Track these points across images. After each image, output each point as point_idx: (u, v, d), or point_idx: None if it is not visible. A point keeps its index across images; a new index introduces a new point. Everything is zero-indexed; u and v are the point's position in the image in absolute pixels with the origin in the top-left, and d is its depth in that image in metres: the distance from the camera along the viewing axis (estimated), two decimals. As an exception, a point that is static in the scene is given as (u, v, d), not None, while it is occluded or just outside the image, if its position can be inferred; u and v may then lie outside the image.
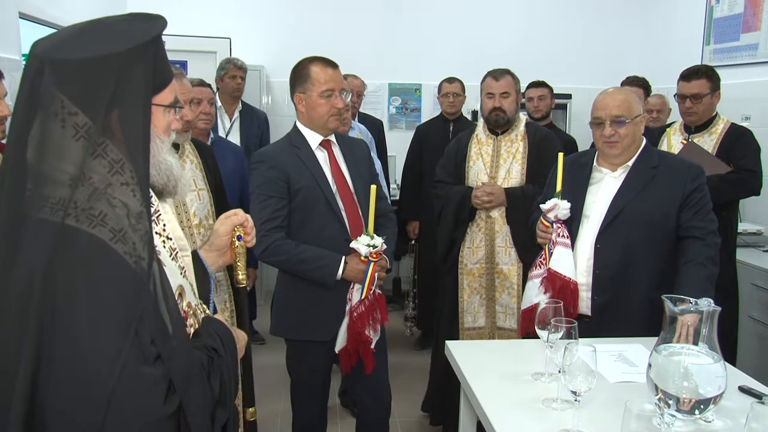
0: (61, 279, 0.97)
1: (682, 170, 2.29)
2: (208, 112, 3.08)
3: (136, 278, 1.01)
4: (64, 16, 4.12)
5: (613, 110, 2.27)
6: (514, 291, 2.99)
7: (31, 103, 1.02)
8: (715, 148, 3.29)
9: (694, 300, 1.53)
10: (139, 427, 1.00)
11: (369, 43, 5.51)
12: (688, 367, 1.47)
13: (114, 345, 0.98)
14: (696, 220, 2.22)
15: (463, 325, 3.09)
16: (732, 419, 1.60)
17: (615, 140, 2.27)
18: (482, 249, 3.02)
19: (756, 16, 4.23)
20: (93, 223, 0.99)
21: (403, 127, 5.76)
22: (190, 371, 1.07)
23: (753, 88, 4.18)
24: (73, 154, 1.00)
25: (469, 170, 3.07)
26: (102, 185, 1.01)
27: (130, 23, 1.12)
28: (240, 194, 3.27)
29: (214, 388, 1.12)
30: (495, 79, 3.03)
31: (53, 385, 0.98)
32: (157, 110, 1.15)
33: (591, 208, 2.35)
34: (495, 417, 1.63)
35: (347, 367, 2.40)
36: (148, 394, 1.00)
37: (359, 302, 2.34)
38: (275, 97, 5.63)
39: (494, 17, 5.69)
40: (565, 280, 2.29)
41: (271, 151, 2.46)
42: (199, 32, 5.00)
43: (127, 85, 1.03)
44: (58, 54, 1.02)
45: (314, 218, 2.36)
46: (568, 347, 1.53)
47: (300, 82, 2.41)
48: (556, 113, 4.74)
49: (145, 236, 1.03)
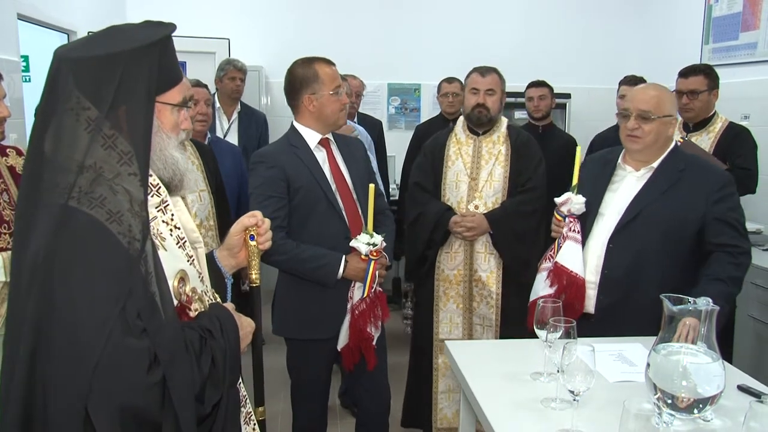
0: (60, 254, 1.06)
1: (709, 177, 2.21)
2: (204, 112, 3.09)
3: (129, 257, 1.08)
4: (63, 17, 4.13)
5: (641, 104, 2.21)
6: (493, 301, 2.88)
7: (52, 99, 1.12)
8: (712, 147, 3.30)
9: (692, 299, 1.53)
10: (123, 394, 1.07)
11: (368, 43, 5.51)
12: (686, 366, 1.47)
13: (102, 316, 1.05)
14: (728, 238, 2.14)
15: (437, 335, 2.96)
16: (731, 418, 1.60)
17: (638, 134, 2.21)
18: (461, 254, 2.91)
19: (755, 15, 4.23)
20: (92, 204, 1.08)
21: (402, 127, 5.76)
22: (175, 347, 1.12)
23: (752, 87, 4.18)
24: (85, 145, 1.09)
25: (447, 170, 2.95)
26: (111, 174, 1.10)
27: (140, 28, 1.21)
28: (238, 195, 3.27)
29: (203, 367, 1.16)
30: (481, 75, 2.93)
31: (49, 351, 1.06)
32: (164, 108, 1.22)
33: (608, 205, 2.30)
34: (494, 417, 1.63)
35: (350, 365, 2.41)
36: (131, 363, 1.07)
37: (360, 300, 2.35)
38: (274, 97, 5.63)
39: (493, 17, 5.70)
40: (572, 275, 2.24)
41: (270, 151, 2.46)
42: (198, 33, 5.00)
43: (131, 82, 1.12)
44: (74, 53, 1.14)
45: (315, 217, 2.36)
46: (566, 347, 1.53)
47: (308, 83, 2.38)
48: (555, 113, 4.74)
49: (144, 222, 1.11)
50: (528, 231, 2.88)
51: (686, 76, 3.38)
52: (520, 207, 2.86)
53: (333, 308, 2.38)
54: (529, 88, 4.44)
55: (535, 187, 2.90)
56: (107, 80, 1.11)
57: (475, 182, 2.90)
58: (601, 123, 4.64)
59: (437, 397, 3.02)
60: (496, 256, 2.89)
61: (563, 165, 4.15)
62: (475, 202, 2.88)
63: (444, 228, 2.86)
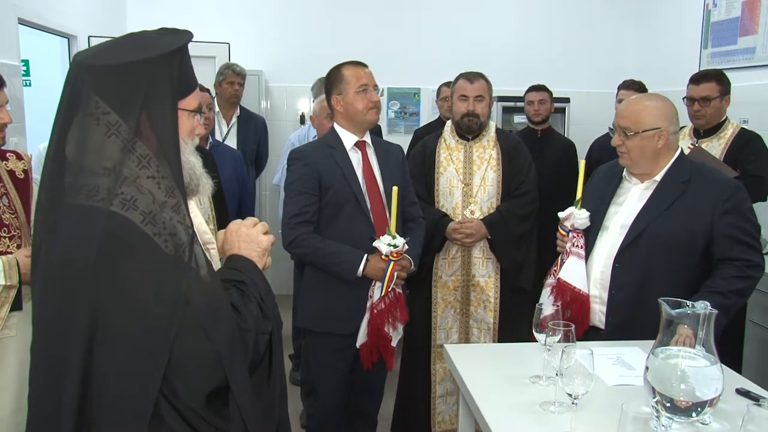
0: (104, 259, 1.09)
1: (714, 188, 2.13)
2: (207, 116, 3.10)
3: (173, 258, 1.12)
4: (63, 21, 4.14)
5: (621, 120, 2.20)
6: (491, 305, 2.89)
7: (71, 105, 1.15)
8: (723, 153, 3.25)
9: (690, 303, 1.54)
10: (219, 341, 1.14)
11: (367, 47, 5.50)
12: (685, 369, 1.47)
13: (169, 295, 1.11)
14: (737, 252, 2.07)
15: (435, 341, 2.96)
16: (729, 421, 1.60)
17: (622, 150, 2.19)
18: (458, 260, 2.92)
19: (753, 20, 4.25)
20: (125, 206, 1.11)
21: (401, 131, 5.76)
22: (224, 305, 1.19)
23: (751, 92, 4.19)
24: (105, 149, 1.12)
25: (439, 176, 2.95)
26: (131, 177, 1.13)
27: (159, 36, 1.25)
28: (239, 199, 3.28)
29: (252, 311, 1.23)
30: (469, 81, 2.90)
31: (112, 346, 1.09)
32: (182, 114, 1.25)
33: (612, 219, 2.26)
34: (492, 420, 1.63)
35: (368, 363, 2.46)
36: (222, 315, 1.16)
37: (379, 299, 2.40)
38: (274, 102, 5.64)
39: (492, 21, 5.71)
40: (576, 291, 2.21)
41: (306, 150, 2.56)
42: (198, 37, 4.88)
43: (153, 89, 1.15)
44: (94, 61, 1.16)
45: (342, 216, 2.45)
46: (565, 350, 1.53)
47: (335, 85, 2.50)
48: (554, 117, 4.74)
49: (185, 223, 1.15)
50: (523, 234, 2.90)
51: (698, 83, 3.31)
52: (515, 211, 2.88)
53: (354, 305, 2.45)
54: (529, 92, 4.44)
55: (528, 190, 2.92)
56: (129, 87, 1.14)
57: (468, 188, 2.91)
58: (600, 127, 4.63)
59: (435, 401, 3.01)
60: (493, 260, 2.90)
61: (562, 169, 4.19)
62: (471, 208, 2.89)
63: (441, 235, 2.87)
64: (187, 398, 1.12)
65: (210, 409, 1.14)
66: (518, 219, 2.87)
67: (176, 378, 1.11)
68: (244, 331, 1.20)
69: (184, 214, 1.16)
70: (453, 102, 2.95)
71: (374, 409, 2.70)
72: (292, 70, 5.38)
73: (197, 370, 1.13)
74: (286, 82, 5.52)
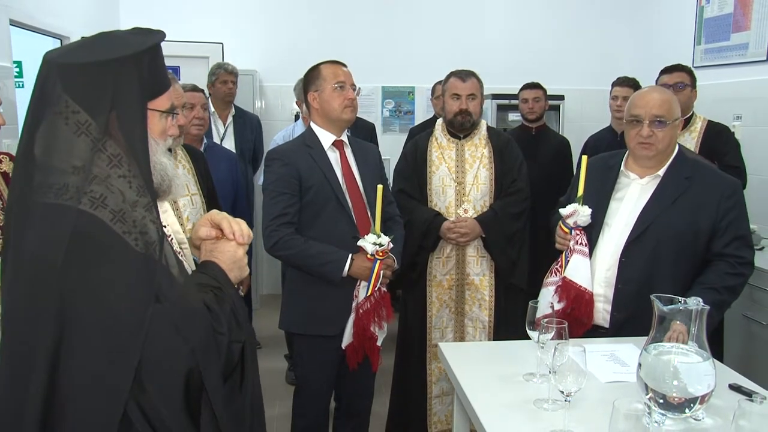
0: (72, 254, 1.07)
1: (718, 184, 2.15)
2: (201, 117, 3.08)
3: (143, 256, 1.11)
4: (56, 23, 4.12)
5: (654, 109, 2.13)
6: (486, 303, 2.89)
7: (41, 103, 1.14)
8: (696, 146, 3.30)
9: (683, 299, 1.54)
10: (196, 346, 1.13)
11: (362, 46, 5.51)
12: (677, 366, 1.48)
13: (139, 296, 1.09)
14: (733, 248, 2.10)
15: (430, 341, 2.95)
16: (722, 417, 1.60)
17: (651, 142, 2.14)
18: (452, 258, 2.91)
19: (746, 16, 4.26)
20: (95, 204, 1.10)
21: (396, 129, 5.76)
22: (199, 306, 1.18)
23: (744, 88, 4.20)
24: (75, 148, 1.11)
25: (432, 175, 2.93)
26: (102, 175, 1.12)
27: (130, 35, 1.23)
28: (233, 200, 3.27)
29: (228, 316, 1.22)
30: (461, 79, 2.89)
31: (82, 348, 1.06)
32: (153, 115, 1.23)
33: (614, 215, 2.23)
34: (486, 418, 1.63)
35: (353, 364, 2.44)
36: (196, 324, 1.15)
37: (365, 299, 2.39)
38: (268, 101, 5.64)
39: (486, 20, 5.71)
40: (580, 289, 2.20)
41: (285, 150, 2.53)
42: (191, 37, 5.00)
43: (122, 88, 1.14)
44: (64, 59, 1.15)
45: (324, 215, 2.42)
46: (558, 347, 1.53)
47: (312, 81, 2.49)
48: (549, 114, 4.74)
49: (155, 221, 1.14)
50: (516, 232, 2.90)
51: (670, 72, 3.45)
52: (509, 209, 2.87)
53: (339, 306, 2.42)
54: (524, 90, 4.44)
55: (521, 188, 2.92)
56: (100, 86, 1.12)
57: (461, 186, 2.90)
58: (595, 124, 4.65)
59: (431, 401, 3.02)
60: (487, 258, 2.90)
61: (556, 166, 4.20)
62: (464, 206, 2.88)
63: (435, 234, 2.86)
64: (159, 402, 1.10)
65: (183, 415, 1.12)
66: (512, 217, 2.87)
67: (148, 380, 1.08)
68: (219, 334, 1.18)
69: (157, 214, 1.15)
70: (445, 100, 2.94)
71: (364, 409, 2.69)
72: (286, 69, 5.36)
73: (171, 370, 1.11)
74: (281, 82, 5.52)
